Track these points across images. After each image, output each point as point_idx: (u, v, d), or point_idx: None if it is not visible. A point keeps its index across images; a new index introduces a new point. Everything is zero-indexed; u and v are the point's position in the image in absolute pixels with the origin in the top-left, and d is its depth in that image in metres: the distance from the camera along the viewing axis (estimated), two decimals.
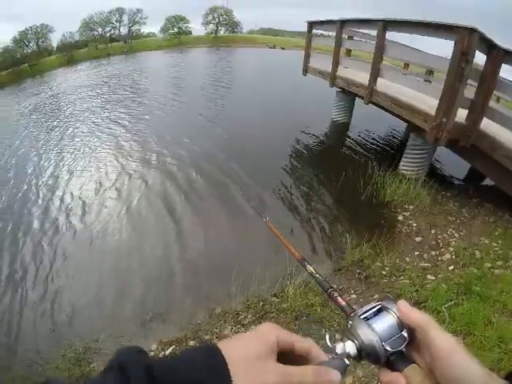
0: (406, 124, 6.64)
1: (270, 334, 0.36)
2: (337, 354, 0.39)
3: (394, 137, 7.10)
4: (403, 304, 0.40)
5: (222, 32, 51.39)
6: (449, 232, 3.37)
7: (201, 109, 8.86)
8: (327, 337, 0.41)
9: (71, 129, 8.09)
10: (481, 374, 0.35)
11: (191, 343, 2.27)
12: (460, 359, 0.36)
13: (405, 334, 0.39)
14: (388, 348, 0.38)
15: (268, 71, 17.11)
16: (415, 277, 2.65)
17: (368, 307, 0.42)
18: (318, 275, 0.59)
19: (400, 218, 3.74)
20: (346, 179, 4.56)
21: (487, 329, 2.09)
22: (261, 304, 2.52)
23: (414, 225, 3.56)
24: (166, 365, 0.32)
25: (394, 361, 0.39)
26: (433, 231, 3.39)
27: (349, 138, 6.73)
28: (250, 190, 4.50)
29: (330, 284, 0.55)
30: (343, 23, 5.77)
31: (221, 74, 16.08)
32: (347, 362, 0.38)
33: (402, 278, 2.66)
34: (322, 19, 6.65)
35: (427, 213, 3.75)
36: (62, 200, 4.68)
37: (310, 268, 0.62)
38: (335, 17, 5.88)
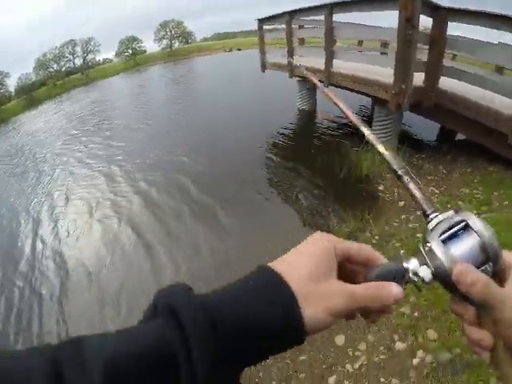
0: (369, 98, 6.84)
1: (327, 244, 0.33)
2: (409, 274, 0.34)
3: (360, 113, 7.28)
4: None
5: (176, 45, 51.28)
6: (430, 190, 3.51)
7: (169, 125, 8.85)
8: (401, 253, 0.36)
9: (45, 172, 7.88)
10: None
11: None
12: None
13: (489, 268, 0.33)
14: None
15: (228, 74, 17.14)
16: (405, 238, 2.76)
17: (449, 222, 0.34)
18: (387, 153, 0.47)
19: (381, 187, 3.89)
20: (321, 164, 4.68)
21: None
22: None
23: (395, 191, 3.70)
24: (222, 301, 0.28)
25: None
26: None
27: (317, 123, 6.90)
28: (225, 193, 4.49)
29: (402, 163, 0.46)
30: (291, 14, 5.92)
31: (182, 87, 16.05)
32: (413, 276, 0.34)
33: (393, 241, 2.78)
34: (270, 14, 6.77)
35: None
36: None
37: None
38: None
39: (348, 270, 0.35)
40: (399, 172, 0.44)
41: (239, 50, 38.24)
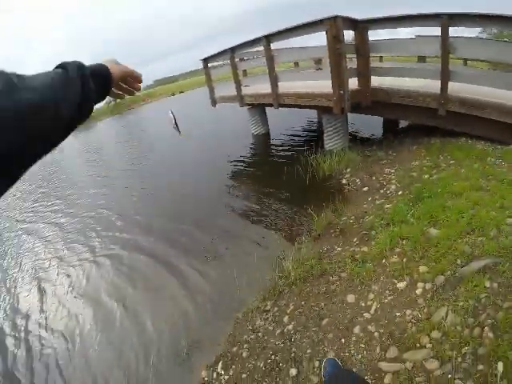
0: (316, 110, 7.60)
1: (122, 64, 0.78)
2: None
3: (311, 124, 8.02)
4: None
5: None
6: (386, 171, 4.07)
7: (130, 180, 8.54)
8: None
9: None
10: None
11: (234, 349, 2.34)
12: None
13: None
14: None
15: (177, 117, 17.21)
16: (377, 212, 3.20)
17: None
18: None
19: (344, 181, 4.37)
20: (286, 176, 5.05)
21: (447, 212, 2.61)
22: (272, 290, 2.72)
23: (357, 181, 4.21)
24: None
25: None
26: (374, 178, 4.07)
27: (274, 143, 7.44)
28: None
29: None
30: (233, 50, 6.55)
31: (135, 137, 15.76)
32: None
33: (367, 217, 3.21)
34: (213, 53, 7.39)
35: (363, 167, 4.46)
36: None
37: None
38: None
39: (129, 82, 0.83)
40: None
41: (182, 92, 39.45)
